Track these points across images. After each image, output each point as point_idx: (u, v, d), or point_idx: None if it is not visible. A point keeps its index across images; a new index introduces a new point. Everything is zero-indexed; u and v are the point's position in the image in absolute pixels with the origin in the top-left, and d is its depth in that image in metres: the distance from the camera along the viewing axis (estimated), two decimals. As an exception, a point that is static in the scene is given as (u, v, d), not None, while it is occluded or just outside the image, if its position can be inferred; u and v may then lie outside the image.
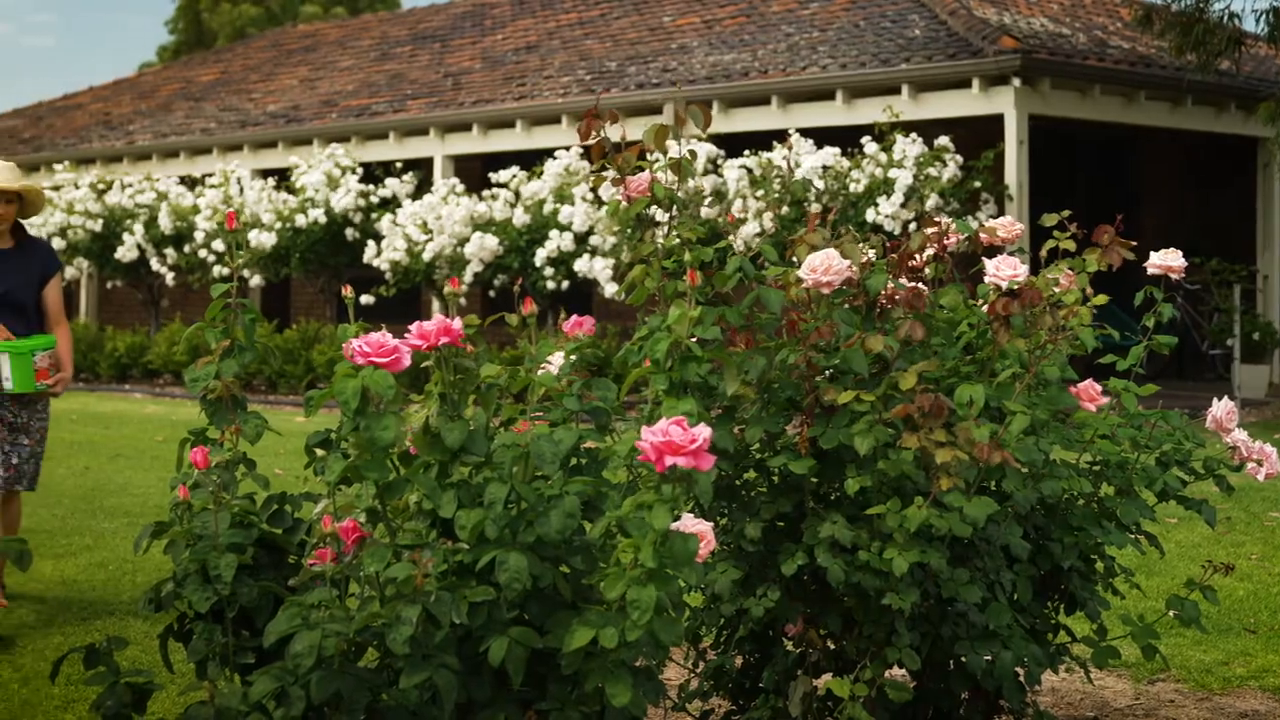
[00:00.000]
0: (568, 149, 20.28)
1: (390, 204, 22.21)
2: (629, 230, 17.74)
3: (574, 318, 4.45)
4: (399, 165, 22.78)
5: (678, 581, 3.64)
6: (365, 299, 20.68)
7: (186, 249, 23.87)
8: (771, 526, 4.81)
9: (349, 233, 22.15)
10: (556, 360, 4.40)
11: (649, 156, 4.73)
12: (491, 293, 20.97)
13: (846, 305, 4.76)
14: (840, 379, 4.64)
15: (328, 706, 3.66)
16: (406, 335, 3.84)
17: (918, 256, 4.93)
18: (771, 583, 4.75)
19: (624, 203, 4.73)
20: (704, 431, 3.43)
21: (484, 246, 19.63)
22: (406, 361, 3.71)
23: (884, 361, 4.68)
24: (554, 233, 19.15)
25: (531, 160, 21.22)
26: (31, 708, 6.21)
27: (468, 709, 3.80)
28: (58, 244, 24.67)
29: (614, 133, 4.68)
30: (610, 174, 4.77)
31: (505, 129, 22.30)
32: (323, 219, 22.02)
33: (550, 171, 19.82)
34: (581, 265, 18.89)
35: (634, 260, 4.74)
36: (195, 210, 23.74)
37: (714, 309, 4.40)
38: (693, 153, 4.75)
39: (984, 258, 4.98)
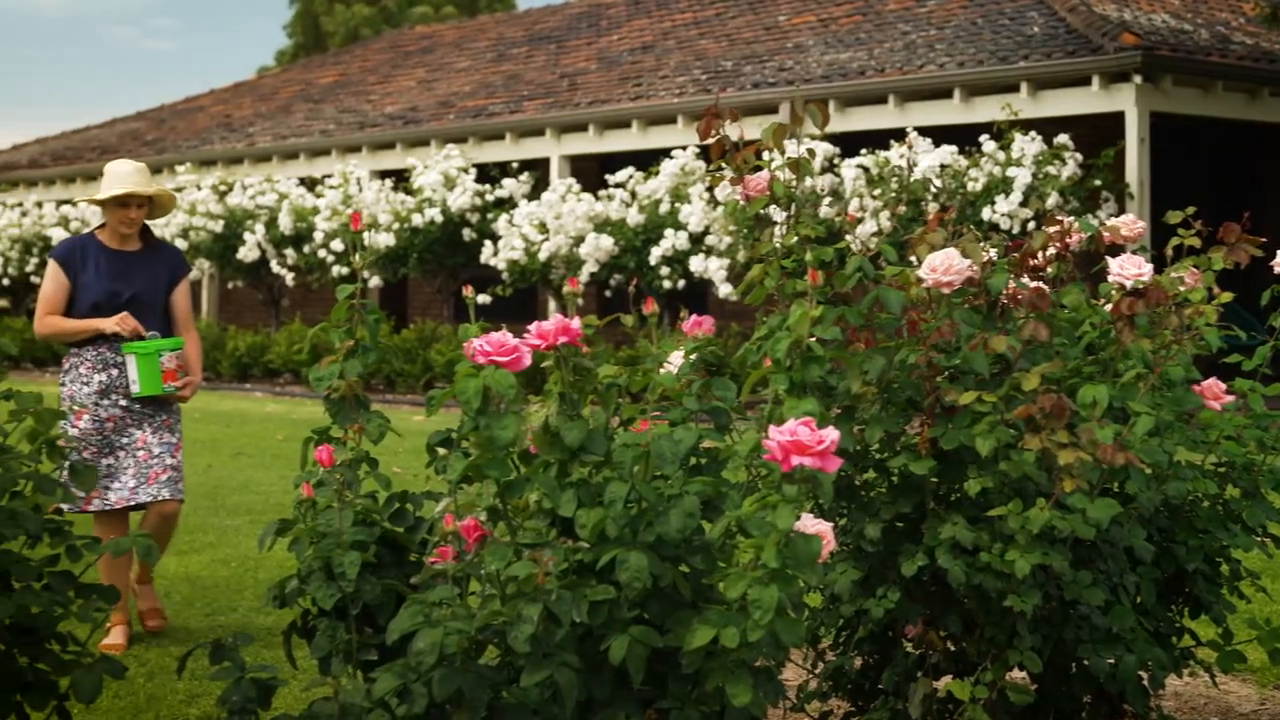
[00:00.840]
0: (684, 149, 20.28)
1: (506, 204, 22.31)
2: (745, 230, 17.65)
3: (693, 317, 4.45)
4: (515, 165, 22.88)
5: (799, 582, 3.62)
6: (482, 299, 20.77)
7: (306, 249, 24.11)
8: (891, 527, 4.78)
9: (465, 233, 22.29)
10: (676, 360, 4.40)
11: (767, 155, 4.72)
12: (607, 292, 21.02)
13: (967, 305, 4.72)
14: (961, 379, 4.61)
15: (449, 704, 3.68)
16: (526, 335, 3.85)
17: (1040, 255, 4.88)
18: (891, 584, 4.72)
19: (743, 202, 4.72)
20: (832, 433, 3.42)
21: (599, 246, 19.68)
22: (527, 361, 3.72)
23: (1005, 362, 4.64)
24: (669, 232, 19.15)
25: (647, 160, 21.24)
26: (157, 702, 6.29)
27: (588, 707, 3.81)
28: (180, 245, 24.98)
29: (733, 131, 4.68)
30: (728, 172, 4.76)
31: (621, 129, 22.33)
32: (439, 219, 22.16)
33: (666, 171, 19.83)
34: (697, 264, 18.87)
35: (753, 259, 4.73)
36: (314, 211, 23.97)
37: (834, 309, 4.38)
38: (811, 151, 4.73)
39: (1106, 257, 4.93)
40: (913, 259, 4.79)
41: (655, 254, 19.29)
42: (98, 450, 7.09)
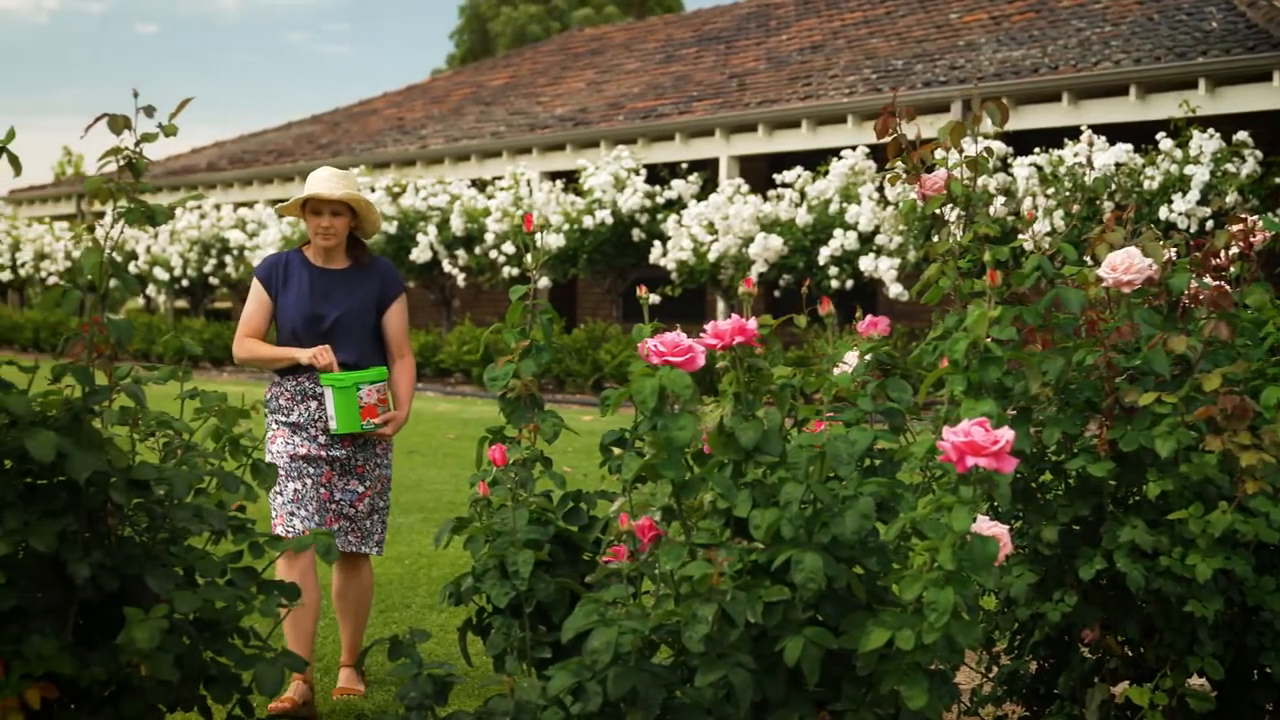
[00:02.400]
0: (853, 148, 20.18)
1: (675, 205, 22.34)
2: (915, 229, 17.48)
3: (869, 317, 4.43)
4: (684, 166, 22.91)
5: (974, 584, 3.59)
6: (651, 299, 20.77)
7: (477, 250, 24.32)
8: (1068, 530, 4.72)
9: (635, 233, 22.36)
10: (850, 360, 4.38)
11: (943, 154, 4.68)
12: (776, 293, 20.97)
13: (1147, 305, 4.66)
14: (1141, 380, 4.55)
15: (624, 702, 3.69)
16: (701, 335, 3.86)
17: (1222, 254, 4.80)
18: (1068, 587, 4.67)
19: (919, 201, 4.69)
20: (1007, 433, 3.39)
21: (768, 247, 19.64)
22: (701, 361, 3.72)
23: (1186, 363, 4.57)
24: (838, 232, 19.07)
25: (816, 160, 21.16)
26: (328, 697, 6.39)
27: (762, 708, 3.80)
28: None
29: (909, 130, 4.65)
30: (896, 171, 4.74)
31: (790, 129, 22.27)
32: (609, 220, 22.26)
33: (836, 171, 19.74)
34: (866, 264, 18.77)
35: (926, 258, 4.70)
36: (486, 212, 24.17)
37: (1011, 308, 4.34)
38: (989, 150, 4.69)
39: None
40: (1090, 258, 4.73)
41: (824, 254, 19.22)
42: (285, 474, 6.38)
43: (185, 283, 30.56)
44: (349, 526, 6.49)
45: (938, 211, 4.69)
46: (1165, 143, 17.14)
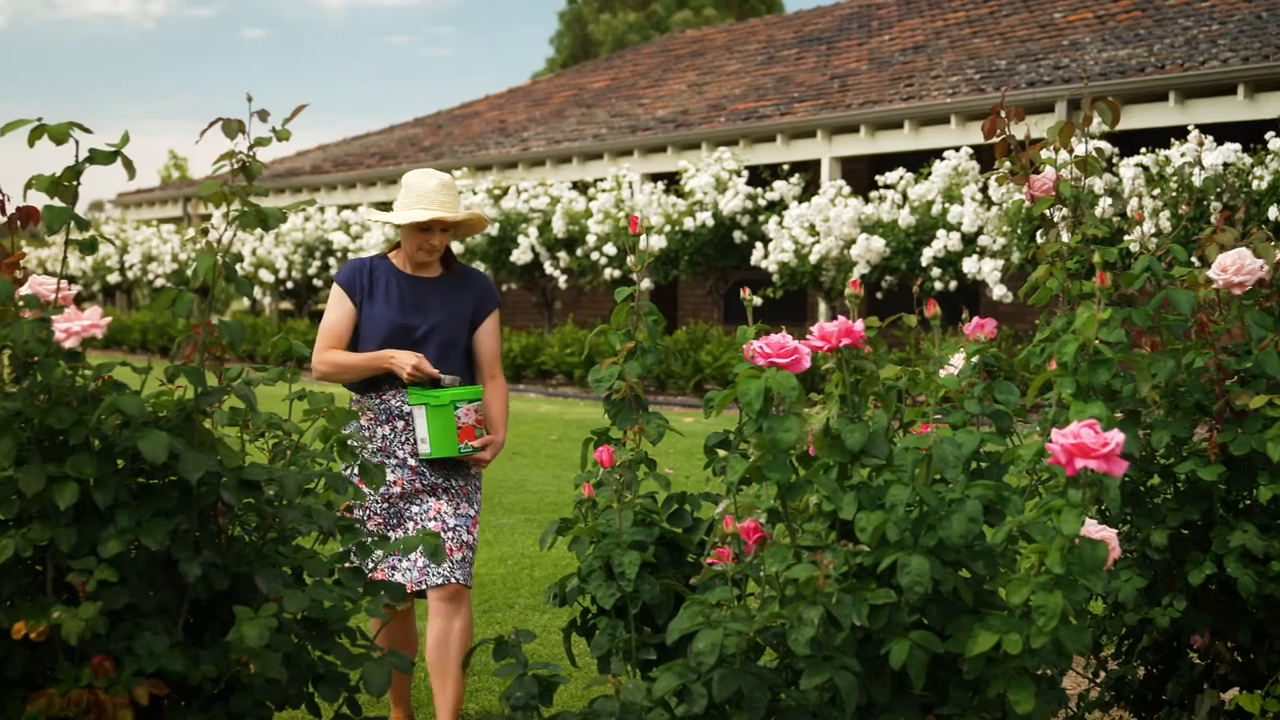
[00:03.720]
0: (956, 149, 20.05)
1: (777, 206, 22.31)
2: (1019, 230, 17.33)
3: (975, 319, 4.41)
4: (785, 167, 22.87)
5: (1083, 588, 3.56)
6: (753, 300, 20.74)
7: (578, 252, 24.38)
8: (1177, 534, 4.68)
9: (736, 235, 22.35)
10: (957, 362, 4.36)
11: (1050, 153, 4.65)
12: (878, 294, 20.89)
13: (1258, 306, 4.60)
14: (1252, 383, 4.50)
15: (729, 704, 3.70)
16: (808, 336, 3.85)
17: (1336, 255, 4.73)
18: (1177, 592, 4.62)
19: (1027, 201, 4.66)
20: (1116, 436, 3.35)
21: (870, 248, 19.57)
22: (806, 363, 3.71)
23: (1299, 365, 4.51)
24: (940, 233, 18.96)
25: (918, 161, 21.05)
26: (421, 697, 6.42)
27: (867, 711, 3.79)
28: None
29: (1017, 131, 4.62)
30: (1004, 171, 4.71)
31: (892, 130, 22.17)
32: (711, 222, 22.25)
33: (939, 172, 19.63)
34: (969, 266, 18.65)
35: (1032, 259, 4.67)
36: (587, 214, 24.23)
37: (1121, 310, 4.31)
38: (1099, 150, 4.65)
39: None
40: (1199, 259, 4.69)
41: (926, 255, 19.12)
42: (384, 521, 5.78)
43: (289, 285, 30.85)
44: (469, 556, 5.83)
45: (1045, 212, 4.66)
46: (1275, 142, 16.91)
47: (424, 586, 5.70)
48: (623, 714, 3.77)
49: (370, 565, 5.43)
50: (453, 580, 5.70)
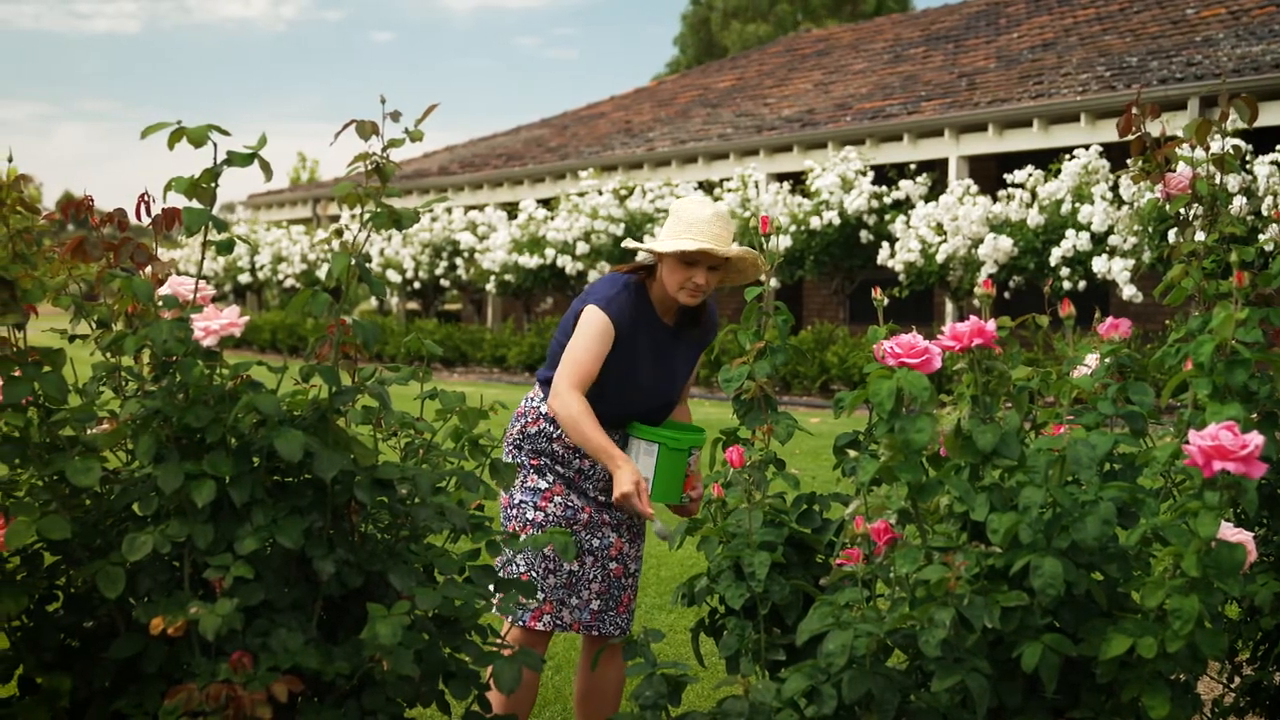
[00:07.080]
0: (1086, 148, 19.83)
1: (903, 205, 22.19)
2: (1151, 230, 17.10)
3: (1109, 319, 4.36)
4: (912, 167, 22.73)
5: (1219, 592, 3.52)
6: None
7: (704, 252, 24.37)
8: (1316, 538, 4.60)
9: (862, 235, 22.25)
10: (1091, 362, 4.32)
11: (1189, 151, 4.59)
12: (1006, 294, 20.73)
13: (1400, 306, 4.52)
14: (1393, 384, 4.41)
15: (859, 706, 3.68)
16: (938, 336, 3.83)
17: None
18: (1316, 597, 4.54)
19: (1163, 200, 4.61)
20: (1256, 438, 3.31)
21: (998, 248, 19.40)
22: (937, 363, 3.69)
23: None
24: (1070, 232, 18.76)
25: (1046, 159, 20.84)
26: (564, 697, 6.46)
27: (998, 714, 3.77)
28: (582, 249, 25.55)
29: (1153, 128, 4.57)
30: (1138, 169, 4.65)
31: (1021, 128, 21.96)
32: (836, 221, 22.17)
33: (1068, 171, 19.42)
34: (1099, 265, 18.43)
35: (1165, 258, 4.62)
36: (713, 214, 24.20)
37: (1259, 310, 4.24)
38: (1237, 148, 4.59)
39: None
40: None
41: (1055, 255, 18.92)
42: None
43: (417, 285, 31.09)
44: (609, 617, 5.32)
45: (1180, 211, 4.60)
46: None
47: (594, 634, 5.29)
48: (752, 714, 3.77)
49: (540, 597, 5.15)
50: (628, 631, 5.31)
